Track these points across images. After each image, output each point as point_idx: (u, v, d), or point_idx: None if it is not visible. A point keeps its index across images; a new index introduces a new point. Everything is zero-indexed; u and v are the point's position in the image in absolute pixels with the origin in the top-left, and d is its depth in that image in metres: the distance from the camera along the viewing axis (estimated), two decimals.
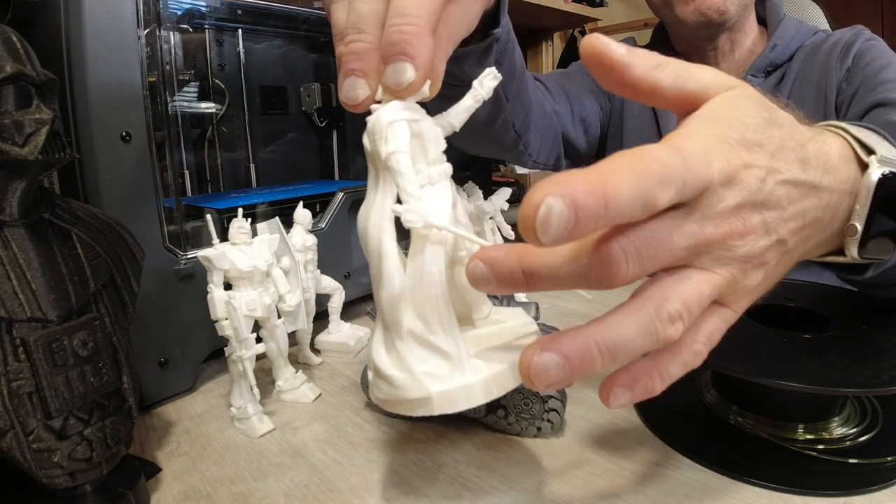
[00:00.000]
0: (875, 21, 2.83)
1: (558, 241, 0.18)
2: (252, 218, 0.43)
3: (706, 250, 0.22)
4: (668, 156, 0.20)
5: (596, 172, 0.19)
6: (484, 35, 0.43)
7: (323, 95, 0.74)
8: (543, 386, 0.22)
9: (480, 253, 0.22)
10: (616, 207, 0.19)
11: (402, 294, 0.24)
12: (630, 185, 0.19)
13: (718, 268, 0.23)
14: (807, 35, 0.74)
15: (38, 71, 0.28)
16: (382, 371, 0.25)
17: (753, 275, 0.23)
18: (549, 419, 0.38)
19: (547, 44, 2.09)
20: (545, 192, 0.18)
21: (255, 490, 0.34)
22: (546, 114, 0.70)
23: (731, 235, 0.22)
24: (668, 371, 0.23)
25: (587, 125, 0.82)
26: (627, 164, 0.20)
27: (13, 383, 0.27)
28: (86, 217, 0.33)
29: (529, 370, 0.21)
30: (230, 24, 0.67)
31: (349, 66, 0.25)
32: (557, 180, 0.18)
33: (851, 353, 0.34)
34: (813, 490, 0.31)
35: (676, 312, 0.21)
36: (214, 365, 0.52)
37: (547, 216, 0.18)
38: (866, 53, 0.68)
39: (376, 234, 0.25)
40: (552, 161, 0.77)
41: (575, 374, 0.21)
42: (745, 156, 0.22)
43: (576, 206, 0.18)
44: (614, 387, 0.23)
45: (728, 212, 0.22)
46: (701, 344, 0.24)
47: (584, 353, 0.21)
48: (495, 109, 0.56)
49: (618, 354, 0.21)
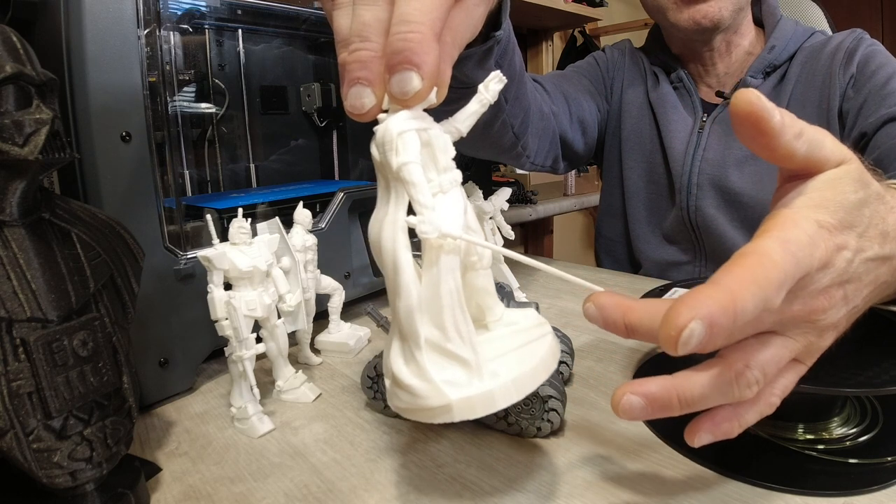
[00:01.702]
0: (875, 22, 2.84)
1: (689, 352, 0.21)
2: (252, 218, 0.43)
3: (790, 323, 0.25)
4: (783, 258, 0.23)
5: (727, 290, 0.21)
6: (485, 37, 0.43)
7: (323, 95, 0.74)
8: (628, 419, 0.28)
9: (595, 299, 0.26)
10: (742, 320, 0.21)
11: (420, 305, 0.24)
12: (754, 297, 0.21)
13: (799, 336, 0.26)
14: (804, 36, 0.74)
15: (38, 71, 0.28)
16: (402, 381, 0.25)
17: (828, 337, 0.27)
18: (549, 419, 0.38)
19: (547, 44, 2.09)
20: (689, 315, 0.21)
21: (255, 490, 0.34)
22: (544, 115, 0.70)
23: (816, 311, 0.25)
24: (746, 419, 0.27)
25: (585, 127, 0.82)
26: (751, 276, 0.22)
27: (13, 383, 0.27)
28: (86, 217, 0.33)
29: (619, 407, 0.25)
30: (230, 24, 0.67)
31: (354, 75, 0.24)
32: (695, 301, 0.21)
33: (851, 353, 0.34)
34: (813, 490, 0.31)
35: (754, 379, 0.25)
36: (214, 365, 0.52)
37: (689, 338, 0.21)
38: (871, 61, 0.68)
39: (390, 246, 0.25)
40: (550, 163, 0.77)
41: (656, 414, 0.25)
42: (838, 239, 0.25)
43: (712, 327, 0.21)
44: (700, 431, 0.27)
45: (818, 292, 0.25)
46: (776, 397, 0.27)
47: (664, 402, 0.25)
48: (494, 111, 0.56)
49: (694, 406, 0.25)
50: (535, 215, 1.59)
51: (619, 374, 0.47)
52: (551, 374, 0.27)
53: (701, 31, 0.71)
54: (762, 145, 0.25)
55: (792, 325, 0.25)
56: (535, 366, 0.26)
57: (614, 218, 0.88)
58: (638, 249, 0.84)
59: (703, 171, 0.75)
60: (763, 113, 0.24)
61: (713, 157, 0.74)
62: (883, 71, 0.67)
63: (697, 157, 0.75)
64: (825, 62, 0.70)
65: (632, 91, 0.84)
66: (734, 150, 0.73)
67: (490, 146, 0.62)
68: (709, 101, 0.78)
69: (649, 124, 0.81)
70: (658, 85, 0.81)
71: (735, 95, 0.24)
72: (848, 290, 0.26)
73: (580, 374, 0.48)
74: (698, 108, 0.78)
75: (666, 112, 0.79)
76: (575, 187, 1.83)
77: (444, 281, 0.24)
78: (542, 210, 1.61)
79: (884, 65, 0.68)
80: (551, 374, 0.27)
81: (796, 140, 0.25)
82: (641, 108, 0.82)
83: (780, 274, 0.22)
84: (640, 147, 0.82)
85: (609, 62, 0.87)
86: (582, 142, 0.82)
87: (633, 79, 0.84)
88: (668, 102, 0.79)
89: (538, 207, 1.58)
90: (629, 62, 0.85)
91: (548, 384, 0.37)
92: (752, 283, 0.21)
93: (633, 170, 0.83)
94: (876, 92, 0.66)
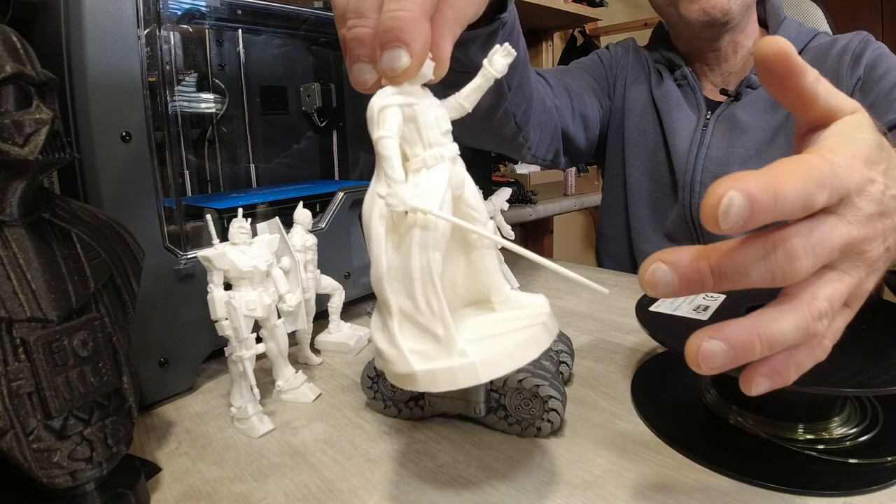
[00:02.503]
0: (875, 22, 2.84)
1: (734, 229, 0.21)
2: (252, 218, 0.43)
3: (850, 251, 0.25)
4: (823, 164, 0.23)
5: (765, 174, 0.21)
6: (490, 20, 0.43)
7: (323, 95, 0.74)
8: (707, 369, 0.24)
9: (662, 255, 0.24)
10: (783, 204, 0.21)
11: (388, 274, 0.25)
12: (794, 186, 0.22)
13: (852, 270, 0.25)
14: (807, 37, 0.74)
15: (38, 71, 0.28)
16: (376, 346, 0.26)
17: (871, 279, 0.27)
18: (549, 419, 0.38)
19: (547, 44, 2.10)
20: (728, 185, 0.20)
21: (255, 490, 0.34)
22: (546, 108, 0.70)
23: (867, 240, 0.25)
24: (802, 363, 0.26)
25: (587, 122, 0.82)
26: (790, 168, 0.22)
27: (13, 383, 0.27)
28: (86, 217, 0.33)
29: (698, 355, 0.24)
30: (230, 24, 0.67)
31: (355, 53, 0.25)
32: (735, 177, 0.21)
33: (851, 353, 0.34)
34: (813, 490, 0.31)
35: (824, 310, 0.24)
36: (214, 365, 0.52)
37: (728, 206, 0.20)
38: (878, 65, 0.68)
39: (367, 215, 0.26)
40: (551, 156, 0.77)
41: (737, 360, 0.24)
42: (868, 172, 0.25)
43: (752, 199, 0.20)
44: (757, 376, 0.25)
45: (867, 218, 0.25)
46: (829, 340, 0.26)
47: (747, 343, 0.23)
48: (497, 99, 0.56)
49: (775, 346, 0.24)
50: (535, 215, 1.59)
51: (618, 374, 0.47)
52: (528, 362, 0.26)
53: (711, 25, 0.71)
54: (790, 86, 0.26)
55: (848, 256, 0.25)
56: (509, 352, 0.25)
57: (616, 216, 0.88)
58: (639, 248, 0.84)
59: (706, 169, 0.75)
60: (792, 53, 0.25)
61: (717, 155, 0.74)
62: (890, 76, 0.67)
63: (701, 155, 0.75)
64: (832, 64, 0.70)
65: (635, 88, 0.83)
66: (738, 148, 0.73)
67: (492, 135, 0.62)
68: (713, 98, 0.78)
69: (653, 122, 0.81)
70: (662, 82, 0.81)
71: (762, 41, 0.25)
72: (886, 224, 0.26)
73: (580, 374, 0.48)
74: (702, 105, 0.78)
75: (670, 109, 0.78)
76: (575, 187, 1.83)
77: (413, 255, 0.25)
78: (542, 210, 1.61)
79: (891, 69, 0.68)
80: (528, 362, 0.26)
81: (817, 83, 0.26)
82: (645, 106, 0.82)
83: (819, 173, 0.23)
84: (643, 144, 0.82)
85: (613, 59, 0.87)
86: (584, 137, 0.82)
87: (637, 76, 0.84)
88: (672, 100, 0.79)
89: (538, 207, 1.58)
90: (633, 59, 0.85)
91: (548, 384, 0.37)
92: (792, 174, 0.22)
93: (635, 167, 0.83)
94: (883, 97, 0.66)
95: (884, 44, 0.71)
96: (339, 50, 0.27)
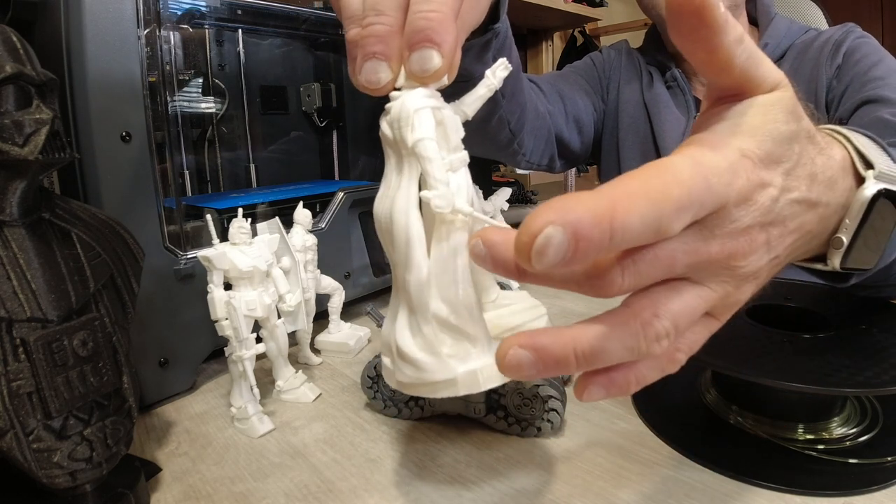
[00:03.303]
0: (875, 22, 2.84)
1: (552, 269, 0.17)
2: (252, 218, 0.43)
3: (707, 268, 0.22)
4: (691, 176, 0.19)
5: (606, 199, 0.18)
6: (483, 30, 0.43)
7: (323, 95, 0.74)
8: (513, 377, 0.21)
9: (484, 234, 0.21)
10: (622, 238, 0.18)
11: (429, 279, 0.25)
12: (643, 214, 0.18)
13: (715, 284, 0.22)
14: (798, 33, 0.74)
15: (38, 71, 0.28)
16: (408, 354, 0.25)
17: (746, 289, 0.23)
18: (549, 419, 0.38)
19: (547, 44, 2.09)
20: (546, 219, 0.17)
21: (255, 490, 0.34)
22: (540, 114, 0.71)
23: (736, 255, 0.22)
24: (645, 377, 0.23)
25: (581, 126, 0.82)
26: (644, 189, 0.18)
27: (13, 383, 0.27)
28: (86, 217, 0.33)
29: (503, 361, 0.21)
30: (230, 24, 0.67)
31: (370, 49, 0.24)
32: (562, 205, 0.17)
33: (851, 353, 0.34)
34: (813, 490, 0.31)
35: (665, 331, 0.21)
36: (214, 365, 0.52)
37: (544, 247, 0.17)
38: (857, 51, 0.68)
39: (403, 220, 0.25)
40: (546, 161, 0.77)
41: (547, 373, 0.21)
42: (763, 174, 0.22)
43: (577, 237, 0.17)
44: (591, 384, 0.22)
45: (737, 232, 0.21)
46: (682, 353, 0.23)
47: (560, 358, 0.20)
48: (491, 107, 0.56)
49: (595, 363, 0.21)
50: None
51: None
52: None
53: None
54: (701, 40, 0.21)
55: (708, 271, 0.22)
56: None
57: None
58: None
59: None
60: (712, 2, 0.20)
61: None
62: (867, 60, 0.66)
63: None
64: (813, 56, 0.70)
65: (628, 90, 0.84)
66: None
67: (487, 142, 0.62)
68: (702, 98, 0.78)
69: (644, 123, 0.81)
70: (652, 84, 0.81)
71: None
72: (771, 234, 0.23)
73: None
74: (691, 106, 0.78)
75: (659, 111, 0.79)
76: (575, 187, 1.83)
77: (457, 257, 0.25)
78: None
79: (868, 54, 0.67)
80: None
81: (737, 45, 0.21)
82: (637, 108, 0.82)
83: (683, 193, 0.19)
84: (637, 146, 0.83)
85: (605, 62, 0.87)
86: (578, 141, 0.82)
87: (630, 78, 0.84)
88: (661, 102, 0.79)
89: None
90: (626, 61, 0.86)
91: (548, 384, 0.37)
92: (642, 196, 0.18)
93: (630, 168, 0.83)
94: (858, 79, 0.65)
95: (872, 36, 0.70)
96: (340, 50, 0.27)
